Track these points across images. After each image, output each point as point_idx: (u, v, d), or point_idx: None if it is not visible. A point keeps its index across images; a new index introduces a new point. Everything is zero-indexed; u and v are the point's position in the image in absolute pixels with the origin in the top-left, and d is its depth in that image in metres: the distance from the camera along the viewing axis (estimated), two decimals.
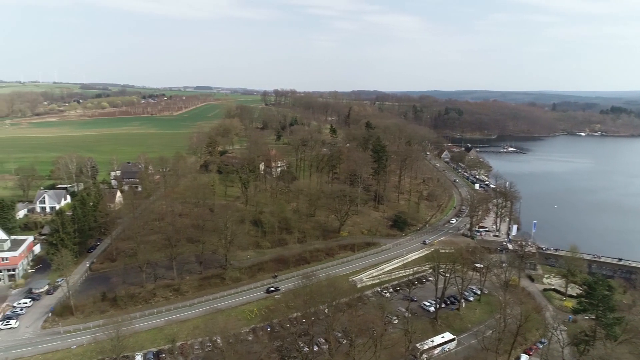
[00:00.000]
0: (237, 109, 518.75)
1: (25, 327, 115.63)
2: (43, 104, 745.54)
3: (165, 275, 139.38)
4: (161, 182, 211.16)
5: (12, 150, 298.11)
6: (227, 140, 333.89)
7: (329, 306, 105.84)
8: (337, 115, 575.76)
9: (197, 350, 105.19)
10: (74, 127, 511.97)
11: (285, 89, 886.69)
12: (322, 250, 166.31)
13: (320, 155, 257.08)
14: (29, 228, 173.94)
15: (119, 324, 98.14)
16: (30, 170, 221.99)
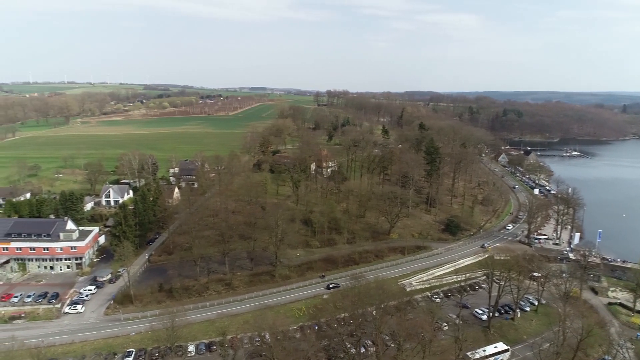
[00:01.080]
0: (290, 110, 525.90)
1: (90, 312, 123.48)
2: (110, 103, 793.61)
3: (217, 269, 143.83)
4: (216, 179, 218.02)
5: (82, 146, 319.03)
6: (280, 140, 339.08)
7: (377, 308, 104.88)
8: (389, 116, 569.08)
9: (246, 345, 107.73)
10: (137, 126, 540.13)
11: (338, 90, 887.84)
12: (372, 251, 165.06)
13: (372, 156, 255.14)
14: (95, 220, 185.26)
15: (174, 315, 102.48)
16: (98, 165, 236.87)
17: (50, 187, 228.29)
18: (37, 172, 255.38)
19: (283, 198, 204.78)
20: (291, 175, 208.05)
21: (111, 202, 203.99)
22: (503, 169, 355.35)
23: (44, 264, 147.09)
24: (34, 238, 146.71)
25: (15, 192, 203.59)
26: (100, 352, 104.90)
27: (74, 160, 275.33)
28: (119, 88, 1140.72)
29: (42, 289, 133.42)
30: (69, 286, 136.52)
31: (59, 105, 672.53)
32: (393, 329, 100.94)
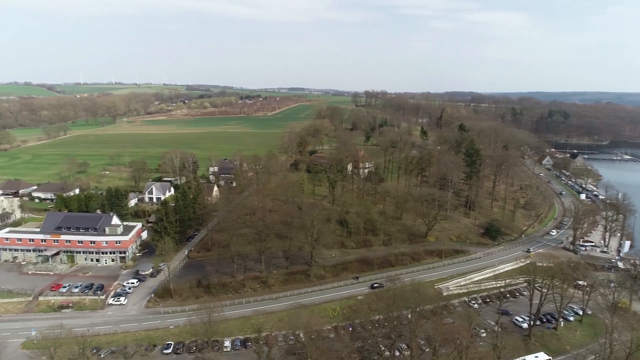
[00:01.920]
0: (328, 110, 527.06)
1: (132, 304, 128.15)
2: (154, 103, 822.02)
3: (254, 267, 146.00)
4: (254, 178, 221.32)
5: (127, 145, 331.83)
6: (317, 140, 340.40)
7: (413, 312, 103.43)
8: (428, 117, 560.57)
9: (280, 342, 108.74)
10: (179, 126, 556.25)
11: (376, 90, 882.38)
12: (408, 254, 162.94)
13: (410, 157, 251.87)
14: (138, 216, 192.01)
15: (211, 310, 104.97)
16: (141, 163, 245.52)
17: (98, 183, 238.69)
18: (85, 169, 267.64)
19: (319, 198, 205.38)
20: (328, 176, 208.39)
21: (153, 199, 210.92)
22: (547, 173, 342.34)
23: (91, 256, 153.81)
24: (82, 232, 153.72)
25: (66, 188, 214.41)
26: (141, 343, 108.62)
27: (119, 158, 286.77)
28: (163, 89, 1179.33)
29: (89, 281, 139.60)
30: (113, 279, 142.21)
31: (107, 105, 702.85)
32: (429, 333, 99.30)
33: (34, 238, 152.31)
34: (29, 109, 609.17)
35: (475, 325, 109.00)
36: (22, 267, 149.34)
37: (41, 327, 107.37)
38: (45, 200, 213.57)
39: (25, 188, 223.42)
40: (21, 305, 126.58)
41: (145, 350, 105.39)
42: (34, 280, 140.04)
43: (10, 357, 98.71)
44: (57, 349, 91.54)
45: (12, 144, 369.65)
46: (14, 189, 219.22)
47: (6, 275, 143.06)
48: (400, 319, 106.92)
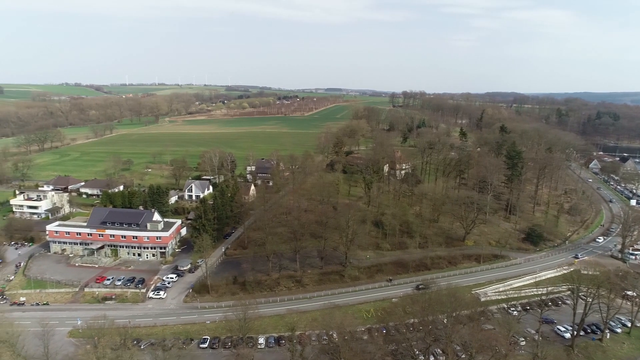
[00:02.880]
0: (365, 111, 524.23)
1: (171, 298, 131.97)
2: (195, 104, 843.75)
3: (289, 266, 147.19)
4: (290, 178, 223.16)
5: (169, 144, 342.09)
6: (354, 140, 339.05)
7: (449, 316, 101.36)
8: (468, 118, 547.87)
9: (314, 342, 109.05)
10: (218, 125, 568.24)
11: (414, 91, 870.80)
12: (444, 257, 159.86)
13: (448, 159, 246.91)
14: (178, 213, 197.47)
15: (247, 307, 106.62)
16: (182, 162, 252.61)
17: (140, 180, 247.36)
18: (129, 166, 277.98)
19: (355, 199, 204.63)
20: (364, 176, 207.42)
21: (193, 197, 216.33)
22: (594, 177, 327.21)
23: (133, 251, 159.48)
24: (125, 227, 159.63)
25: (111, 184, 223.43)
26: (178, 336, 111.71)
27: (161, 156, 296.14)
28: (204, 89, 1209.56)
29: (131, 274, 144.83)
30: (154, 273, 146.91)
31: (150, 105, 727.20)
32: (465, 339, 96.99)
33: (81, 232, 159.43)
34: (78, 108, 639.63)
35: (515, 333, 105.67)
36: (69, 259, 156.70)
37: (86, 317, 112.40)
38: (91, 196, 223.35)
39: (73, 184, 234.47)
40: (68, 296, 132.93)
41: (182, 344, 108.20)
42: (80, 272, 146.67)
43: (58, 344, 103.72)
44: (101, 339, 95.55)
45: (62, 142, 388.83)
46: (63, 184, 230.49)
47: (55, 266, 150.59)
48: (436, 323, 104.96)
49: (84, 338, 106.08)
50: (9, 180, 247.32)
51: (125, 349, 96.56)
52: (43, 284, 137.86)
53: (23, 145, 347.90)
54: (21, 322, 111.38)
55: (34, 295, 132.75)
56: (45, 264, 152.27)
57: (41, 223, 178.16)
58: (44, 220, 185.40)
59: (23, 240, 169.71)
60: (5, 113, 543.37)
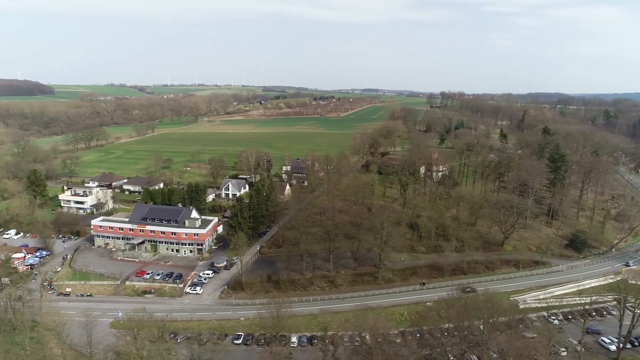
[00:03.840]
0: (401, 111, 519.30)
1: (207, 294, 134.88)
2: (233, 104, 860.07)
3: (322, 266, 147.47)
4: (325, 178, 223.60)
5: (207, 143, 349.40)
6: (389, 141, 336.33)
7: (485, 322, 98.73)
8: (509, 120, 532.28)
9: (346, 343, 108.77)
10: (255, 125, 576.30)
11: (453, 91, 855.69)
12: (482, 262, 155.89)
13: (487, 161, 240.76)
14: (215, 210, 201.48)
15: (280, 305, 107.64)
16: (219, 161, 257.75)
17: (180, 178, 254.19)
18: (169, 164, 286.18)
19: (390, 200, 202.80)
20: (399, 178, 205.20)
21: (229, 195, 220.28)
22: None
23: (171, 247, 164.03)
24: (165, 223, 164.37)
25: (152, 182, 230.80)
26: (213, 332, 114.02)
27: (200, 155, 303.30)
28: (241, 90, 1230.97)
29: (169, 269, 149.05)
30: (191, 269, 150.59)
31: (190, 105, 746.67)
32: (502, 346, 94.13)
33: (123, 227, 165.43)
34: (122, 108, 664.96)
35: (555, 343, 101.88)
36: (112, 253, 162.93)
37: (127, 310, 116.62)
38: (133, 193, 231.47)
39: (117, 181, 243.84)
40: (110, 288, 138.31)
41: (217, 339, 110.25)
42: (122, 265, 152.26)
43: (100, 334, 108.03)
44: (140, 331, 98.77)
45: (107, 141, 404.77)
46: (107, 181, 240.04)
47: (99, 259, 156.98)
48: (472, 329, 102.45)
49: (125, 329, 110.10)
50: (58, 177, 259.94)
51: (163, 342, 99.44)
52: (87, 276, 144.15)
53: (71, 143, 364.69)
54: (67, 311, 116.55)
55: (78, 286, 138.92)
56: (89, 257, 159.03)
57: (86, 218, 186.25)
58: (89, 215, 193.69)
59: (70, 234, 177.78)
60: (56, 113, 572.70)
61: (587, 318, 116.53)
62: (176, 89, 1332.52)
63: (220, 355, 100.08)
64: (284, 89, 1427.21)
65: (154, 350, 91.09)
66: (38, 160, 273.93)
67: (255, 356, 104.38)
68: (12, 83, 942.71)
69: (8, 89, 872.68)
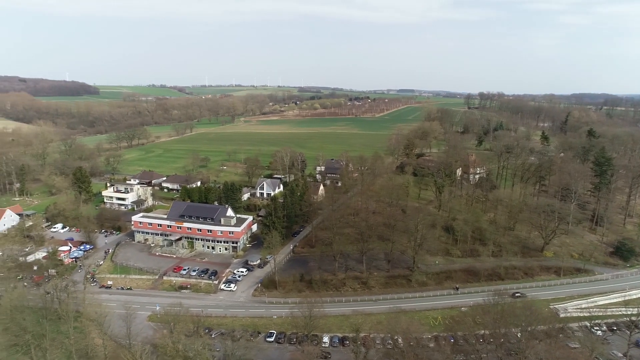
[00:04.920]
0: (438, 112, 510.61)
1: (241, 292, 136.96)
2: (269, 104, 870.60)
3: (355, 267, 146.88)
4: (359, 179, 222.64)
5: (243, 143, 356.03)
6: (425, 143, 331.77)
7: (523, 330, 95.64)
8: (551, 121, 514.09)
9: (378, 345, 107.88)
10: (290, 125, 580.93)
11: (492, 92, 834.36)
12: (520, 268, 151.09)
13: (527, 164, 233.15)
14: (250, 209, 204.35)
15: (312, 305, 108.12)
16: (255, 160, 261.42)
17: (216, 177, 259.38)
18: (206, 163, 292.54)
19: (425, 202, 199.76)
20: (435, 180, 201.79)
21: (264, 194, 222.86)
22: None
23: (207, 244, 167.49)
24: (201, 221, 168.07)
25: (189, 180, 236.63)
26: (246, 328, 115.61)
27: (236, 154, 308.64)
28: (277, 90, 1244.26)
29: (205, 266, 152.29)
30: (225, 266, 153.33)
31: (227, 105, 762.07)
32: (541, 355, 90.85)
33: (161, 223, 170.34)
34: (162, 108, 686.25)
35: (598, 354, 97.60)
36: (151, 248, 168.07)
37: (164, 304, 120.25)
38: (172, 190, 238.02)
39: (156, 179, 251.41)
40: (149, 282, 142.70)
41: (250, 336, 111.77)
42: (160, 261, 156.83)
43: (139, 327, 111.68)
44: (176, 325, 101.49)
45: (148, 139, 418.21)
46: (147, 179, 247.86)
47: (138, 254, 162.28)
48: (509, 336, 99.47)
49: (162, 323, 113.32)
50: (101, 174, 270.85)
51: (198, 337, 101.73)
52: (127, 270, 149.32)
53: (114, 141, 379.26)
54: (108, 303, 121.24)
55: (119, 279, 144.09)
56: (129, 251, 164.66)
57: (127, 214, 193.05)
58: (129, 211, 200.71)
59: (111, 229, 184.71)
60: (100, 112, 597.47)
61: (634, 330, 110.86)
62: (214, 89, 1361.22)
63: (253, 352, 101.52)
64: (319, 89, 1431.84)
65: (189, 344, 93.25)
66: (83, 158, 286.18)
67: (287, 355, 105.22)
68: (61, 84, 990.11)
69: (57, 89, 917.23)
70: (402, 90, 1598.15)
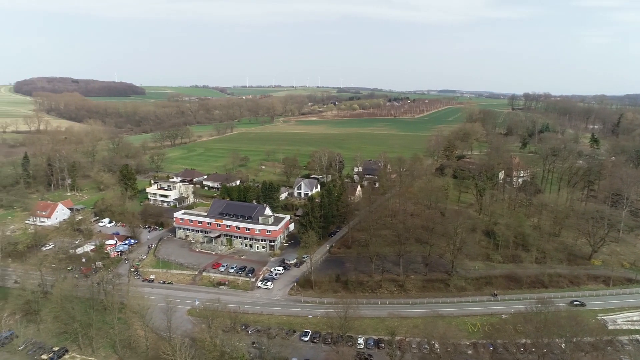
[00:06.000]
0: (480, 113, 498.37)
1: (277, 290, 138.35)
2: (307, 105, 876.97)
3: (391, 269, 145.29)
4: (397, 181, 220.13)
5: (281, 143, 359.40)
6: (466, 144, 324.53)
7: (568, 341, 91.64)
8: (601, 124, 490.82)
9: (414, 349, 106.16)
10: (328, 126, 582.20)
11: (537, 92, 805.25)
12: (565, 276, 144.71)
13: (575, 168, 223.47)
14: (287, 209, 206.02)
15: (348, 306, 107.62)
16: (293, 160, 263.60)
17: (255, 176, 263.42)
18: (246, 163, 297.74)
19: (465, 206, 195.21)
20: (476, 183, 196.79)
21: (301, 194, 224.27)
22: None
23: (245, 242, 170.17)
24: (240, 219, 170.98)
25: (229, 179, 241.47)
26: (282, 326, 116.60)
27: (274, 154, 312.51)
28: (316, 91, 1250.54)
29: (242, 263, 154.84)
30: (263, 264, 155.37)
31: (267, 106, 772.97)
32: None
33: (202, 221, 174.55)
34: (204, 108, 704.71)
35: None
36: (191, 244, 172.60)
37: (202, 299, 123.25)
38: (212, 189, 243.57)
39: (198, 177, 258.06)
40: (189, 278, 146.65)
41: (285, 334, 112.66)
42: (200, 257, 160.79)
43: (178, 320, 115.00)
44: (214, 320, 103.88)
45: (190, 139, 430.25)
46: (189, 177, 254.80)
47: (179, 250, 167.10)
48: (552, 347, 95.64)
49: (200, 317, 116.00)
50: (146, 171, 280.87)
51: (235, 332, 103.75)
52: (169, 265, 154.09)
53: (158, 140, 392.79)
54: (150, 296, 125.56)
55: (161, 274, 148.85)
56: (171, 247, 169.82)
57: (170, 210, 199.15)
58: (172, 208, 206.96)
59: (154, 225, 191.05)
60: (146, 112, 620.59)
61: None
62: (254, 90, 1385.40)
63: (288, 350, 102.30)
64: (358, 90, 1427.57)
65: (227, 339, 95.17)
66: (129, 156, 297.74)
67: (322, 354, 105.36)
68: (110, 85, 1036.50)
69: (106, 90, 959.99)
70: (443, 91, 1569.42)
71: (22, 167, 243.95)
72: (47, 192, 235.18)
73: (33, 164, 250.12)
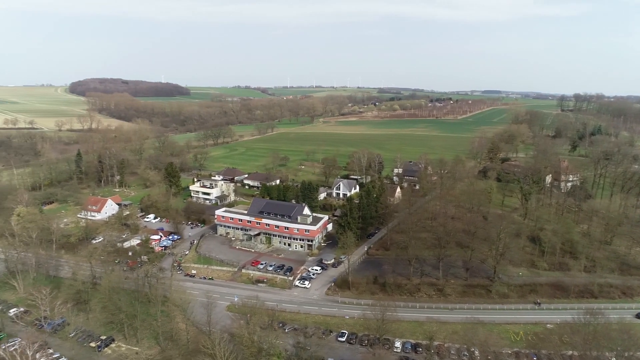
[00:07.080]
0: (526, 115, 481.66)
1: (314, 289, 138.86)
2: (348, 105, 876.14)
3: (430, 273, 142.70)
4: (438, 183, 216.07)
5: (321, 143, 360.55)
6: (511, 147, 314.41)
7: (619, 355, 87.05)
8: None
9: (453, 356, 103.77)
10: (368, 126, 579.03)
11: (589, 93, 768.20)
12: (617, 286, 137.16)
13: (629, 172, 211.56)
14: (326, 209, 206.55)
15: (385, 308, 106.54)
16: (332, 160, 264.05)
17: (294, 176, 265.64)
18: (285, 162, 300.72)
19: (509, 210, 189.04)
20: (521, 186, 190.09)
21: (340, 195, 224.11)
22: None
23: (284, 240, 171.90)
24: (279, 218, 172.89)
25: (269, 178, 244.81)
26: (319, 326, 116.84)
27: (314, 154, 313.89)
28: (356, 91, 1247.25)
29: (281, 262, 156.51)
30: (300, 263, 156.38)
31: (307, 106, 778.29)
32: None
33: (242, 218, 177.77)
34: (246, 108, 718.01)
35: None
36: (231, 242, 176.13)
37: (242, 296, 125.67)
38: (252, 187, 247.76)
39: (239, 176, 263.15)
40: (229, 274, 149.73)
41: (322, 334, 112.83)
42: (239, 254, 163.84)
43: (218, 315, 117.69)
44: (253, 317, 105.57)
45: (232, 138, 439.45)
46: (231, 175, 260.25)
47: (220, 247, 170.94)
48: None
49: (239, 314, 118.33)
50: (189, 169, 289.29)
51: (272, 330, 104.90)
52: (209, 261, 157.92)
53: (202, 139, 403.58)
54: (191, 291, 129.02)
55: (202, 269, 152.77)
56: (212, 243, 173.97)
57: (211, 208, 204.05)
58: (213, 205, 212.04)
59: (197, 221, 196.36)
60: (190, 112, 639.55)
61: None
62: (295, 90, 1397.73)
63: (324, 349, 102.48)
64: (399, 90, 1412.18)
65: (264, 336, 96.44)
66: (174, 154, 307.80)
67: (358, 356, 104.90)
68: (157, 85, 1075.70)
69: (154, 90, 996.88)
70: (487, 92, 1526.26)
71: (75, 163, 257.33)
72: (97, 188, 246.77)
73: (85, 161, 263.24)
